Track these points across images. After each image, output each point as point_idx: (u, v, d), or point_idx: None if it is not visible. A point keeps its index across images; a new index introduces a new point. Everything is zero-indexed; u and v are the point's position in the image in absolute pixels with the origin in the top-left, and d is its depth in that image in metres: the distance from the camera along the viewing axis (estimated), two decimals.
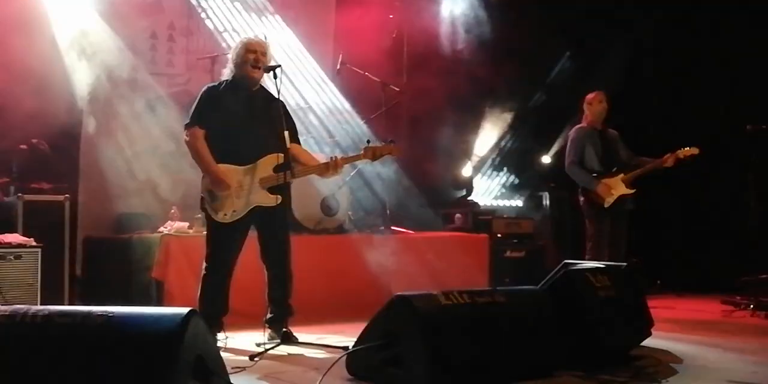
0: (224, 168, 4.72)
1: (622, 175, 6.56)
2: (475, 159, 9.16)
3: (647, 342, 4.65)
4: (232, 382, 3.11)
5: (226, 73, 4.92)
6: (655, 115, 8.21)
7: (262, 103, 4.86)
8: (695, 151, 6.37)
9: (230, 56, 4.91)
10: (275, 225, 4.82)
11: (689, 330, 5.66)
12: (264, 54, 4.84)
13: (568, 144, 6.80)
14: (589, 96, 6.78)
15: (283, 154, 4.70)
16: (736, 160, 6.78)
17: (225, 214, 4.71)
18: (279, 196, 4.73)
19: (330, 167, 4.82)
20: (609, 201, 6.53)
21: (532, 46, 8.18)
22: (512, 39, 8.38)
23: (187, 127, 4.79)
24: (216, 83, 4.96)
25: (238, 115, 4.77)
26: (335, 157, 4.89)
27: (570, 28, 8.43)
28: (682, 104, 8.21)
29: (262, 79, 4.92)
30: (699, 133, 6.56)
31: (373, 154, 4.89)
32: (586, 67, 8.22)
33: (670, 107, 8.31)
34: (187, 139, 4.79)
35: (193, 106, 4.84)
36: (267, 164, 4.75)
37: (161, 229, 6.14)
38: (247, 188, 4.72)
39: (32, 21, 6.44)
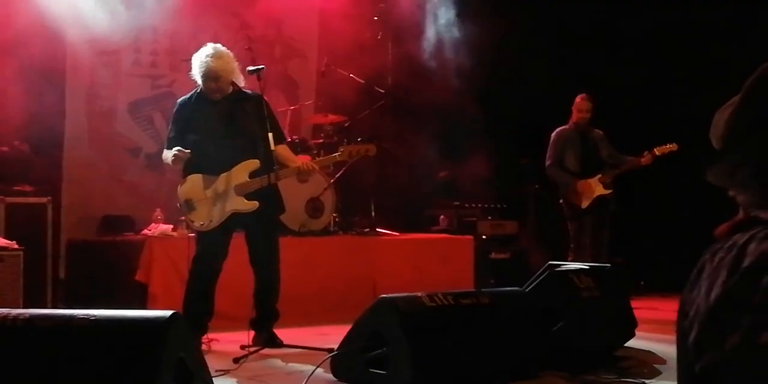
0: (197, 177, 4.74)
1: (599, 176, 6.59)
2: (459, 160, 9.16)
3: (631, 343, 4.67)
4: None
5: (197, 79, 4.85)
6: (636, 113, 8.23)
7: (237, 110, 4.80)
8: (673, 147, 6.38)
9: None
10: (262, 228, 4.81)
11: (673, 331, 5.66)
12: (217, 80, 4.67)
13: (549, 146, 6.84)
14: (577, 98, 6.81)
15: (258, 160, 4.69)
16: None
17: (201, 223, 4.71)
18: (256, 202, 4.71)
19: (302, 170, 4.82)
20: (586, 202, 6.55)
21: (519, 46, 8.19)
22: (498, 39, 8.40)
23: (165, 148, 4.87)
24: (188, 96, 4.92)
25: (210, 130, 4.76)
26: (306, 161, 4.90)
27: (556, 28, 8.45)
28: (664, 102, 8.24)
29: (241, 81, 4.88)
30: (683, 132, 6.58)
31: (349, 155, 4.90)
32: (572, 67, 8.23)
33: (652, 105, 8.33)
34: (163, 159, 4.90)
35: (169, 126, 4.94)
36: (242, 171, 4.73)
37: (145, 231, 6.11)
38: (222, 196, 4.71)
39: (15, 23, 6.39)
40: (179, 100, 4.96)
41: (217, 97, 4.77)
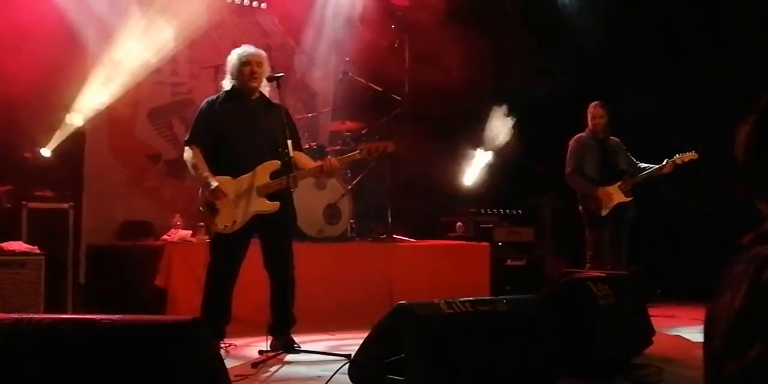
0: (221, 179, 4.76)
1: (619, 183, 6.59)
2: (476, 167, 9.17)
3: (648, 351, 4.65)
4: None
5: (226, 84, 4.96)
6: (654, 120, 8.22)
7: (262, 112, 4.89)
8: (694, 156, 6.38)
9: (227, 67, 4.94)
10: (277, 233, 4.85)
11: (690, 338, 5.66)
12: (260, 64, 4.86)
13: (568, 154, 6.84)
14: (590, 106, 6.83)
15: (279, 161, 4.73)
16: (738, 168, 6.77)
17: (225, 226, 4.74)
18: (278, 203, 4.76)
19: (325, 168, 4.84)
20: (606, 210, 6.55)
21: (533, 54, 8.21)
22: (513, 47, 8.42)
23: (186, 143, 4.87)
24: (215, 96, 5.01)
25: (236, 127, 4.82)
26: (329, 158, 4.92)
27: (570, 35, 8.46)
28: (683, 109, 8.21)
29: (262, 88, 4.96)
30: (702, 140, 6.56)
31: (368, 152, 4.91)
32: (587, 75, 8.23)
33: (671, 113, 8.31)
34: (185, 155, 4.87)
35: (193, 122, 4.93)
36: (264, 171, 4.78)
37: (164, 237, 6.16)
38: (245, 197, 4.75)
39: (36, 31, 6.47)
40: (206, 99, 5.02)
41: (253, 85, 4.83)
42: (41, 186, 6.20)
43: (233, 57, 4.89)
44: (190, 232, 6.16)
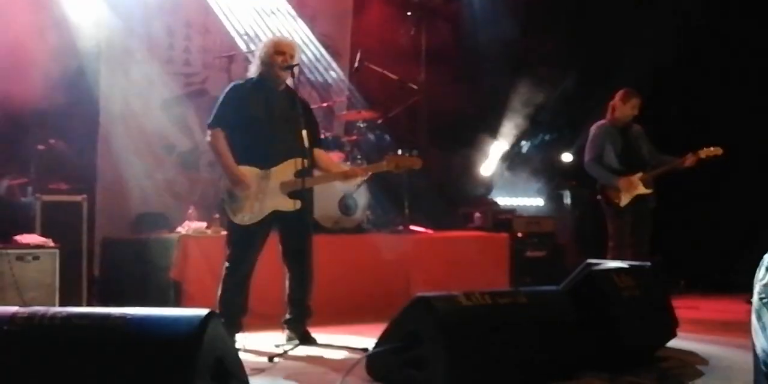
0: (245, 170, 4.68)
1: (640, 174, 6.47)
2: (494, 157, 9.10)
3: (672, 343, 4.57)
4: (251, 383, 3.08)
5: (253, 71, 4.87)
6: (678, 112, 8.11)
7: (287, 104, 4.80)
8: (718, 151, 6.24)
9: (258, 54, 4.85)
10: (296, 227, 4.77)
11: (714, 330, 5.57)
12: (292, 56, 4.77)
13: (588, 141, 6.72)
14: (621, 93, 6.63)
15: (304, 159, 4.64)
16: (763, 159, 6.68)
17: (244, 217, 4.67)
18: (298, 201, 4.68)
19: (350, 176, 4.86)
20: (624, 200, 6.44)
21: (553, 43, 8.11)
22: (533, 34, 8.33)
23: (210, 127, 4.76)
24: (242, 81, 4.90)
25: (263, 116, 4.72)
26: (355, 166, 4.89)
27: (593, 24, 8.35)
28: (706, 102, 8.09)
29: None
30: (724, 131, 6.45)
31: (395, 165, 4.91)
32: (609, 63, 8.12)
33: (695, 105, 8.20)
34: (209, 139, 4.76)
35: (217, 105, 4.80)
36: (288, 168, 4.70)
37: (179, 229, 6.13)
38: (267, 192, 4.68)
39: (51, 23, 6.45)
40: (233, 83, 4.92)
41: (283, 75, 4.76)
42: (55, 179, 6.20)
43: (268, 44, 4.82)
44: (205, 224, 6.12)
